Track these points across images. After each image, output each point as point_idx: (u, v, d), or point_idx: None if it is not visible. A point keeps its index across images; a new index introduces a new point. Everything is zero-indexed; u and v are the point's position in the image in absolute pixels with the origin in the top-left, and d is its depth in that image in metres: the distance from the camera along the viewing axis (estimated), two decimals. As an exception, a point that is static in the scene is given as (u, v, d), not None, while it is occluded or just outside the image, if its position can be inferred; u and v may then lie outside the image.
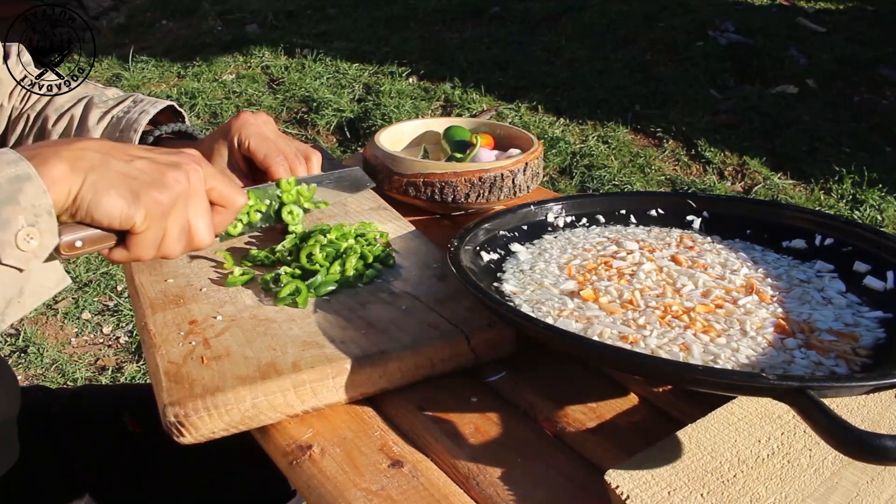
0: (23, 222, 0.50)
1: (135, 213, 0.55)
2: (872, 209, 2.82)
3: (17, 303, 0.53)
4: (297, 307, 0.69)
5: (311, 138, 3.39)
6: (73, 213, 0.54)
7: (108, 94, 0.95)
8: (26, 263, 0.51)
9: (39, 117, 0.94)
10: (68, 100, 0.94)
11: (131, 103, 0.91)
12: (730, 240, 0.80)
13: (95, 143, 0.56)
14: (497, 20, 4.37)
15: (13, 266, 0.51)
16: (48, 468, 0.87)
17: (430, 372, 0.64)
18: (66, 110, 0.93)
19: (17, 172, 0.51)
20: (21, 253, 0.51)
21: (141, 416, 0.95)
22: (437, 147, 1.09)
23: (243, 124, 0.84)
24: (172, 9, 5.09)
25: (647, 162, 3.11)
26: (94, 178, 0.54)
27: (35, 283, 0.54)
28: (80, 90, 0.96)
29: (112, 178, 0.55)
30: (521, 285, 0.70)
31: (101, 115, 0.91)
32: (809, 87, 3.51)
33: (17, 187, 0.50)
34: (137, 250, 0.58)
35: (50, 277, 0.55)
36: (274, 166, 0.82)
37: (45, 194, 0.51)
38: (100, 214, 0.54)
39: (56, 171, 0.52)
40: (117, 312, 2.39)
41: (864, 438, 0.43)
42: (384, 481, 0.54)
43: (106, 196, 0.54)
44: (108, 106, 0.91)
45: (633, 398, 0.64)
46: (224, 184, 0.64)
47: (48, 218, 0.52)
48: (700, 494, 0.48)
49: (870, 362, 0.57)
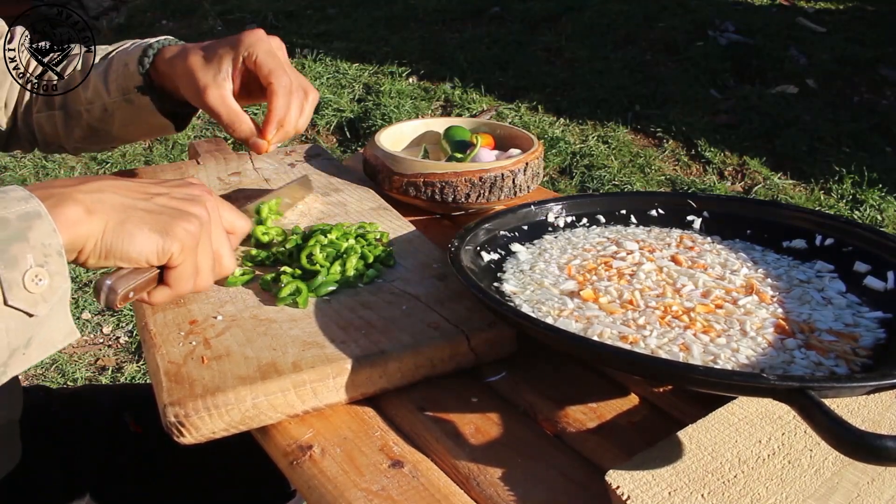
0: (31, 262, 0.47)
1: (171, 246, 0.55)
2: (872, 209, 2.82)
3: (22, 354, 0.49)
4: (298, 307, 0.69)
5: (312, 138, 3.39)
6: (98, 255, 0.53)
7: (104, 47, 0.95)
8: (34, 307, 0.48)
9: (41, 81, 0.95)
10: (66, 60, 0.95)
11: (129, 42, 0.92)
12: (730, 240, 0.80)
13: (110, 184, 0.55)
14: (497, 20, 4.37)
15: (21, 309, 0.47)
16: (49, 468, 0.87)
17: (431, 372, 0.64)
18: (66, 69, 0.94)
19: (27, 210, 0.48)
20: (29, 295, 0.47)
21: (141, 416, 0.95)
22: (438, 147, 1.09)
23: (257, 39, 0.82)
24: (172, 9, 5.08)
25: (647, 162, 3.11)
26: (119, 219, 0.53)
27: (44, 334, 0.50)
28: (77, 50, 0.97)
29: (140, 217, 0.54)
30: (521, 285, 0.70)
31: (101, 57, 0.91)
32: (809, 87, 3.51)
33: (28, 224, 0.48)
34: (177, 285, 0.58)
35: (59, 329, 0.51)
36: (276, 83, 0.81)
37: (55, 233, 0.49)
38: (136, 252, 0.54)
39: (72, 213, 0.50)
40: (117, 312, 2.39)
41: (864, 439, 0.43)
42: (384, 481, 0.54)
43: (139, 234, 0.53)
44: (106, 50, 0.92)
45: (634, 398, 0.64)
46: (231, 211, 0.65)
47: (58, 259, 0.49)
48: (701, 495, 0.48)
49: (870, 363, 0.57)
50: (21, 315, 0.47)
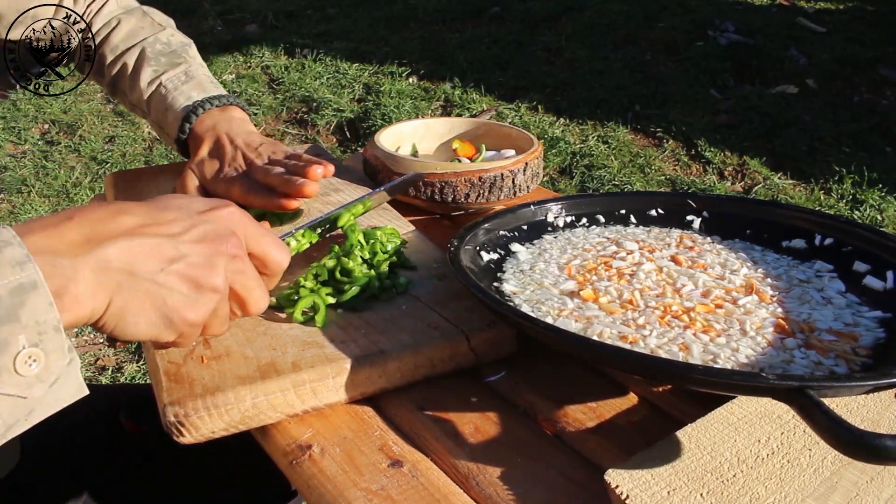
0: (24, 342, 0.42)
1: (168, 336, 0.52)
2: (872, 209, 2.82)
3: (24, 420, 0.45)
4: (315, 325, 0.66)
5: (312, 138, 3.39)
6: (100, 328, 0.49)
7: (161, 40, 0.99)
8: (28, 390, 0.43)
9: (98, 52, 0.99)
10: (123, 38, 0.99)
11: (182, 75, 0.95)
12: (730, 240, 0.80)
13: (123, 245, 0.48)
14: (497, 20, 4.37)
15: (12, 395, 0.43)
16: (47, 468, 0.87)
17: (430, 372, 0.64)
18: (121, 54, 0.98)
19: (21, 280, 0.42)
20: (21, 378, 0.43)
21: (137, 416, 0.95)
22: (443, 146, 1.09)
23: None
24: (172, 9, 5.06)
25: (647, 162, 3.11)
26: (120, 302, 0.48)
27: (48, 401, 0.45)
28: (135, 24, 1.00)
29: (139, 302, 0.49)
30: (521, 285, 0.70)
31: (153, 77, 0.95)
32: (809, 87, 3.51)
33: (20, 300, 0.42)
34: (183, 343, 0.55)
35: (67, 390, 0.46)
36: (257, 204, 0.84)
37: (51, 307, 0.43)
38: (136, 337, 0.50)
39: (81, 288, 0.45)
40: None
41: (863, 438, 0.43)
42: (384, 481, 0.54)
43: (134, 323, 0.49)
44: (160, 65, 0.96)
45: (633, 398, 0.64)
46: (266, 247, 0.57)
47: (55, 335, 0.44)
48: (700, 494, 0.48)
49: (869, 362, 0.57)
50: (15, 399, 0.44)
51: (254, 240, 0.56)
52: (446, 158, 1.07)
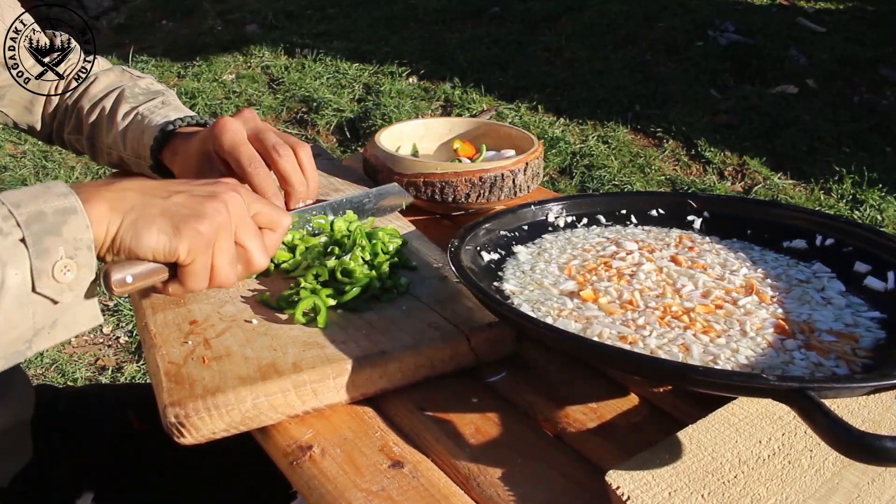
0: (62, 253, 0.51)
1: (178, 245, 0.56)
2: (872, 209, 2.82)
3: (48, 333, 0.53)
4: (317, 326, 0.66)
5: (312, 138, 3.39)
6: (115, 250, 0.55)
7: (140, 85, 0.96)
8: (60, 295, 0.52)
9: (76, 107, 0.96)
10: (101, 90, 0.96)
11: (159, 104, 0.92)
12: (729, 240, 0.80)
13: (135, 184, 0.57)
14: (497, 20, 4.37)
15: (47, 296, 0.51)
16: (56, 466, 0.87)
17: (431, 372, 0.64)
18: (99, 100, 0.95)
19: (65, 205, 0.52)
20: (56, 284, 0.51)
21: (147, 415, 0.95)
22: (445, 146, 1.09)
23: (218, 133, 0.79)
24: (172, 9, 5.08)
25: (647, 162, 3.11)
26: (133, 217, 0.55)
27: (69, 317, 0.54)
28: (114, 78, 0.98)
29: (152, 215, 0.56)
30: (521, 285, 0.70)
31: (129, 110, 0.92)
32: (809, 87, 3.51)
33: (63, 219, 0.51)
34: (190, 282, 0.58)
35: (84, 314, 0.55)
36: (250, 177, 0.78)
37: (87, 229, 0.52)
38: (143, 250, 0.55)
39: (96, 210, 0.53)
40: (117, 312, 2.39)
41: (863, 439, 0.43)
42: (385, 482, 0.54)
43: (147, 232, 0.55)
44: (137, 101, 0.93)
45: (634, 398, 0.64)
46: (267, 206, 0.64)
47: (87, 252, 0.52)
48: (701, 495, 0.48)
49: (870, 363, 0.57)
50: (47, 302, 0.51)
51: (257, 202, 0.63)
52: (446, 158, 1.07)
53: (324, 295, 0.68)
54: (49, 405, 0.91)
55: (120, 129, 0.91)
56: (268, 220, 0.64)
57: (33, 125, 0.99)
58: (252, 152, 0.78)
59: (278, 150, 0.79)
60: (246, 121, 0.81)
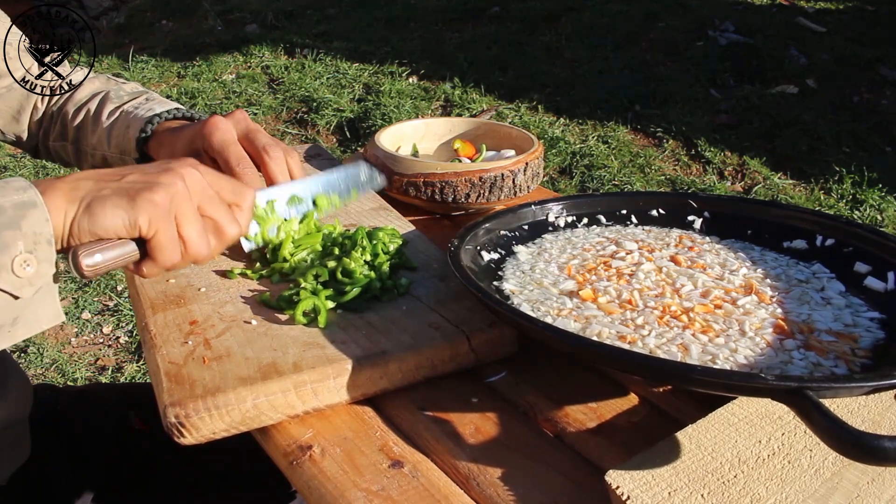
0: (21, 248, 0.51)
1: (136, 217, 0.55)
2: (872, 209, 2.82)
3: (8, 332, 0.53)
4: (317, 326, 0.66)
5: (311, 138, 3.39)
6: (76, 238, 0.55)
7: (125, 88, 0.95)
8: (20, 290, 0.51)
9: (61, 112, 0.96)
10: (86, 94, 0.96)
11: (143, 100, 0.92)
12: (729, 240, 0.80)
13: (90, 173, 0.58)
14: (497, 20, 4.37)
15: (7, 292, 0.51)
16: (56, 464, 0.88)
17: (431, 372, 0.64)
18: (84, 104, 0.94)
19: (24, 199, 0.52)
20: (16, 279, 0.51)
21: (147, 415, 0.95)
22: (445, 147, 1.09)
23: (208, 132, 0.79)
24: (172, 9, 5.08)
25: (647, 162, 3.11)
26: (88, 200, 0.55)
27: (30, 314, 0.54)
28: (99, 84, 0.97)
29: (105, 195, 0.56)
30: (520, 285, 0.70)
31: (114, 108, 0.91)
32: (809, 87, 3.51)
33: (22, 213, 0.51)
34: (161, 256, 0.58)
35: (46, 312, 0.55)
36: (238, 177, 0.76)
37: (47, 223, 0.52)
38: (102, 229, 0.55)
39: (54, 202, 0.54)
40: (117, 312, 2.39)
41: (862, 439, 0.43)
42: (384, 482, 0.54)
43: (101, 210, 0.55)
44: (121, 101, 0.92)
45: (634, 398, 0.64)
46: (229, 182, 0.64)
47: (47, 247, 0.52)
48: (701, 495, 0.48)
49: (869, 363, 0.57)
50: (7, 298, 0.51)
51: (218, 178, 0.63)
52: (446, 158, 1.07)
53: (324, 296, 0.68)
54: (49, 404, 0.91)
55: (105, 126, 0.91)
56: (231, 194, 0.64)
57: (20, 135, 0.98)
58: (241, 152, 0.78)
59: (268, 151, 0.78)
60: (237, 121, 0.81)
